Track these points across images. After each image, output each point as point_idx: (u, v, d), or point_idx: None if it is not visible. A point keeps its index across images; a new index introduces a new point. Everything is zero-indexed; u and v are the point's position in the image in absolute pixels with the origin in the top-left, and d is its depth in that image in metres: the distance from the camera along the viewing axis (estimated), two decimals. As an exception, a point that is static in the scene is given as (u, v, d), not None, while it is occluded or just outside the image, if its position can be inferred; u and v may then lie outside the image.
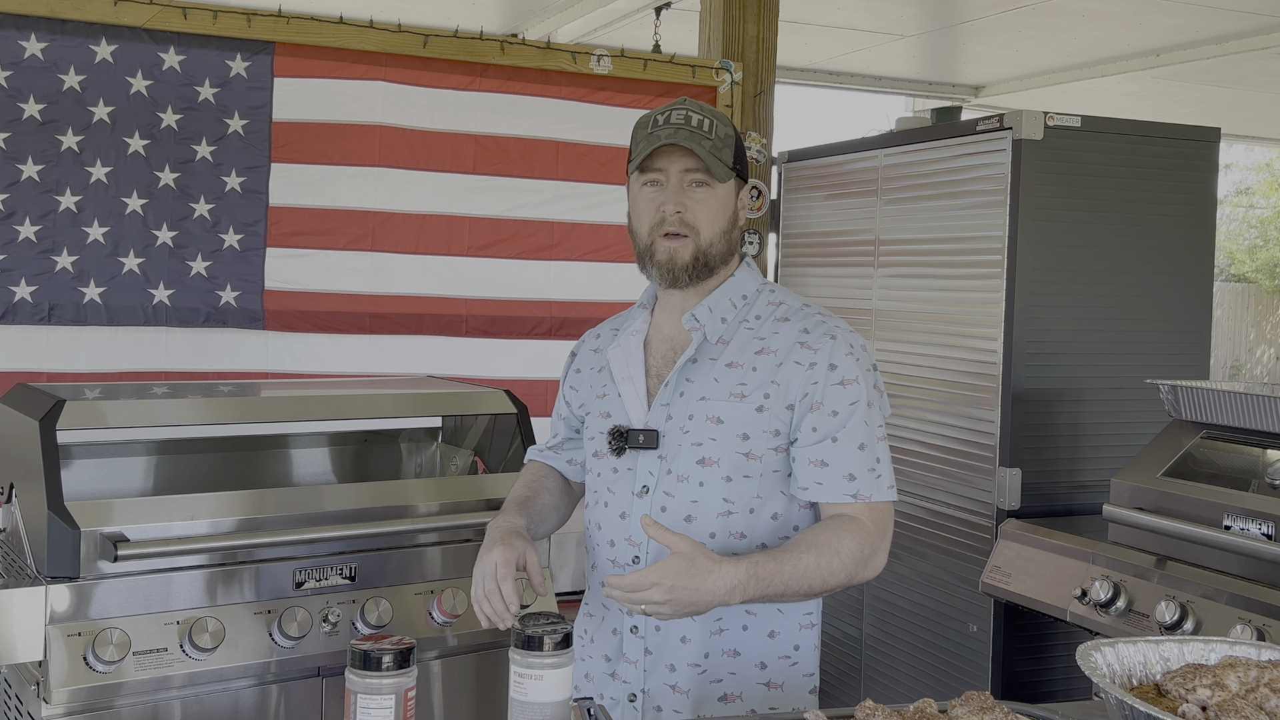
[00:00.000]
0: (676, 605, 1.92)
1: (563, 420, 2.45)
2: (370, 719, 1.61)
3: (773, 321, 2.20)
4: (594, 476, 2.29)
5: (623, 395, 2.23)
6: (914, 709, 1.63)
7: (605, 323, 2.46)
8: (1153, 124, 3.81)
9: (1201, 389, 3.15)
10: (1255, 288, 18.48)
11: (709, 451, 2.13)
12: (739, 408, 2.12)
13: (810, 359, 2.12)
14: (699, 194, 2.15)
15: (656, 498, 2.15)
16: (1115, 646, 1.77)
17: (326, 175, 4.10)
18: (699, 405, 2.14)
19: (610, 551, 2.22)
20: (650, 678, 2.18)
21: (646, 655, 2.18)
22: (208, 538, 2.60)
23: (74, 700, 2.44)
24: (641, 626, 2.17)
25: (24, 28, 3.70)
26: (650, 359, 2.25)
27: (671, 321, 2.25)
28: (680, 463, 2.14)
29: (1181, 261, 3.83)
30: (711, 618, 2.14)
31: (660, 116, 2.17)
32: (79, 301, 3.79)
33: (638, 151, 2.16)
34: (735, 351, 2.17)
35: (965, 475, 3.81)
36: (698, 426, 2.13)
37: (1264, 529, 2.77)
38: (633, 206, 2.23)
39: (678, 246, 2.15)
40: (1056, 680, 3.71)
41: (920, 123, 4.41)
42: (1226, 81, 8.19)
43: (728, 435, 2.12)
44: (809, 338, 2.15)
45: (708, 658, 2.15)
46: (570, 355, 2.48)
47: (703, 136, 2.13)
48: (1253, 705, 1.58)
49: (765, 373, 2.13)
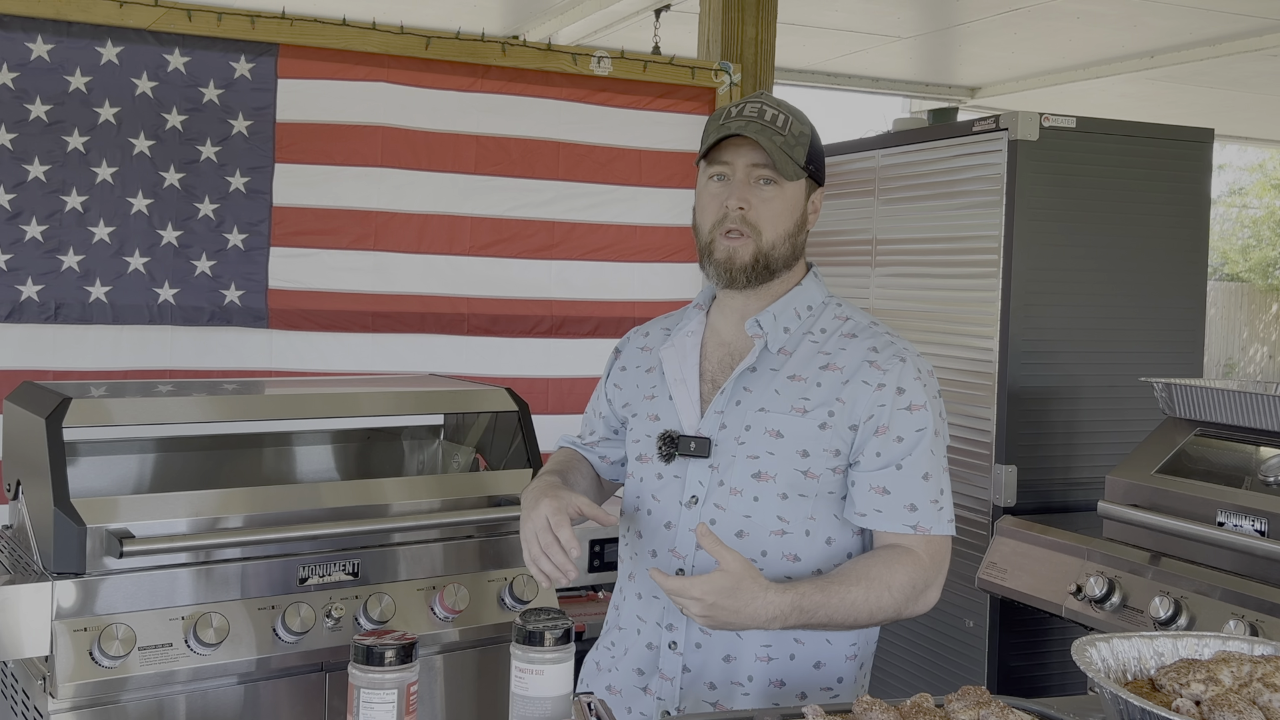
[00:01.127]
0: (713, 622, 1.84)
1: (600, 418, 2.33)
2: (373, 713, 1.61)
3: (839, 337, 2.09)
4: (635, 481, 2.17)
5: (674, 398, 2.12)
6: (911, 704, 1.63)
7: (655, 320, 2.34)
8: (1147, 125, 3.81)
9: (1195, 387, 3.14)
10: (1248, 287, 18.49)
11: (765, 465, 2.02)
12: (800, 423, 2.01)
13: (879, 379, 2.02)
14: (766, 192, 2.05)
15: (707, 509, 2.05)
16: (1110, 642, 1.77)
17: (330, 175, 4.09)
18: (757, 416, 2.03)
19: (651, 562, 2.11)
20: (687, 696, 2.08)
21: (684, 673, 2.08)
22: (212, 534, 2.60)
23: (80, 695, 2.44)
24: (680, 643, 2.08)
25: (30, 29, 3.69)
26: (705, 363, 2.14)
27: (730, 325, 2.15)
28: (734, 475, 2.04)
29: (1175, 261, 3.83)
30: (759, 643, 2.05)
31: (734, 108, 2.06)
32: (85, 300, 3.79)
33: (705, 140, 2.05)
34: (799, 364, 2.06)
35: (962, 472, 3.81)
36: (755, 438, 2.03)
37: (1257, 525, 2.77)
38: (697, 200, 2.13)
39: (738, 246, 2.04)
40: (1052, 675, 3.71)
41: (917, 124, 4.41)
42: (1220, 83, 8.19)
43: (786, 450, 2.02)
44: (878, 357, 2.05)
45: (752, 680, 2.06)
46: (614, 351, 2.35)
47: (775, 131, 2.02)
48: (1246, 700, 1.58)
49: (830, 389, 2.02)
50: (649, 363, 2.23)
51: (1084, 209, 3.68)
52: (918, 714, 1.59)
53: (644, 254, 4.53)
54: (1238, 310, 17.79)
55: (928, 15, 6.75)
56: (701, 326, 2.18)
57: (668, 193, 4.53)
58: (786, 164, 2.03)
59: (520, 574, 2.93)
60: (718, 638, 2.06)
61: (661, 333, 2.26)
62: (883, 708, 1.60)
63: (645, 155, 4.52)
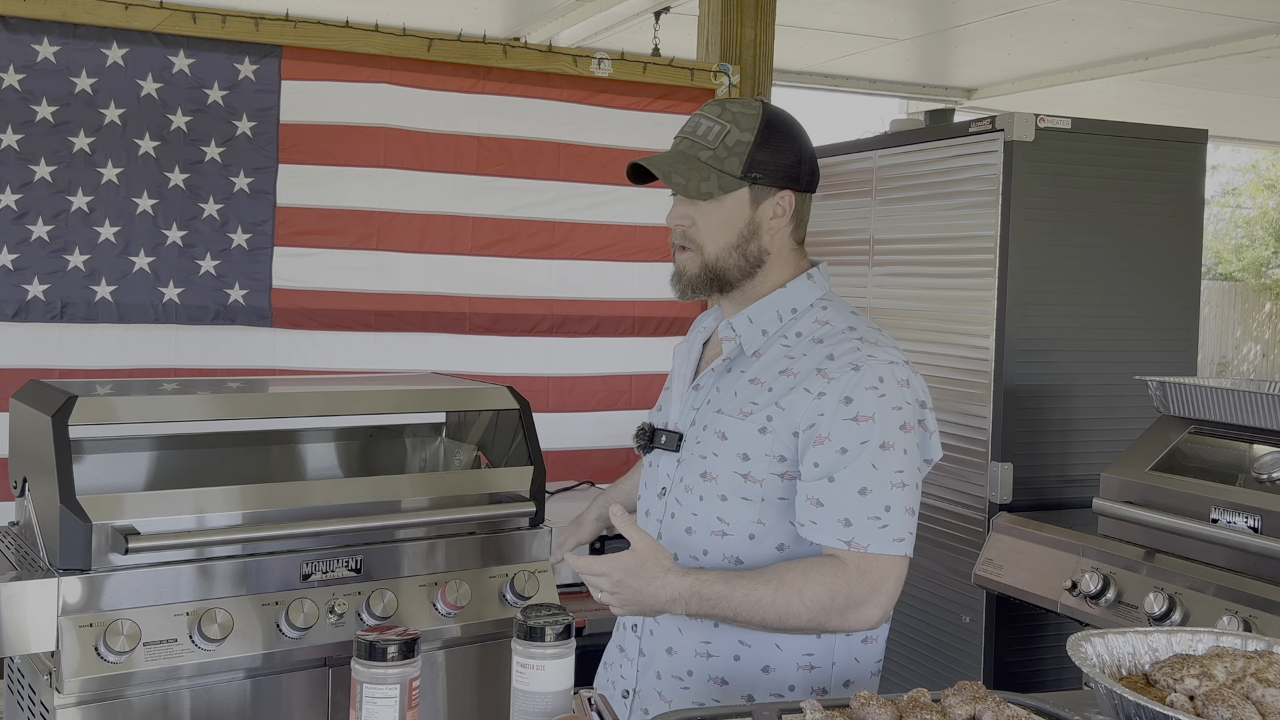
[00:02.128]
0: (622, 601, 1.90)
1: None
2: (376, 708, 1.61)
3: (808, 341, 2.04)
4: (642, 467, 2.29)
5: (673, 392, 2.19)
6: (908, 698, 1.62)
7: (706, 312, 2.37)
8: (1141, 126, 3.80)
9: (1189, 385, 3.14)
10: (1242, 286, 18.49)
11: (710, 466, 2.03)
12: (742, 426, 2.00)
13: (821, 388, 1.95)
14: (705, 207, 2.05)
15: (669, 503, 2.09)
16: (1105, 637, 1.77)
17: (333, 176, 4.09)
18: (714, 417, 2.04)
19: None
20: (642, 679, 2.13)
21: (640, 656, 2.13)
22: (216, 531, 2.60)
23: (85, 690, 2.44)
24: (640, 626, 2.13)
25: (37, 32, 3.69)
26: (705, 361, 2.19)
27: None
28: (689, 472, 2.07)
29: (1170, 260, 3.82)
30: (699, 639, 2.04)
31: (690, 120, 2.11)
32: (90, 299, 3.79)
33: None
34: (762, 367, 2.04)
35: (958, 470, 3.81)
36: (707, 438, 2.05)
37: (1250, 522, 2.77)
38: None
39: (685, 260, 2.08)
40: (1047, 670, 3.71)
41: (914, 124, 4.41)
42: (1213, 84, 8.19)
43: (729, 452, 2.01)
44: (830, 365, 1.97)
45: (691, 675, 2.06)
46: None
47: (702, 146, 2.03)
48: (1239, 695, 1.58)
49: (777, 394, 1.98)
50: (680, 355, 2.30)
51: (1079, 209, 3.68)
52: (915, 709, 1.58)
53: (644, 254, 4.53)
54: (1231, 309, 17.79)
55: (925, 17, 6.75)
56: (714, 325, 2.23)
57: (667, 193, 4.52)
58: (696, 185, 2.02)
59: (521, 570, 2.93)
60: (664, 628, 2.09)
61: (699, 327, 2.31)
62: (880, 703, 1.60)
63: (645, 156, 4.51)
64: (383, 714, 1.61)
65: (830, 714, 1.58)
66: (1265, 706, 1.57)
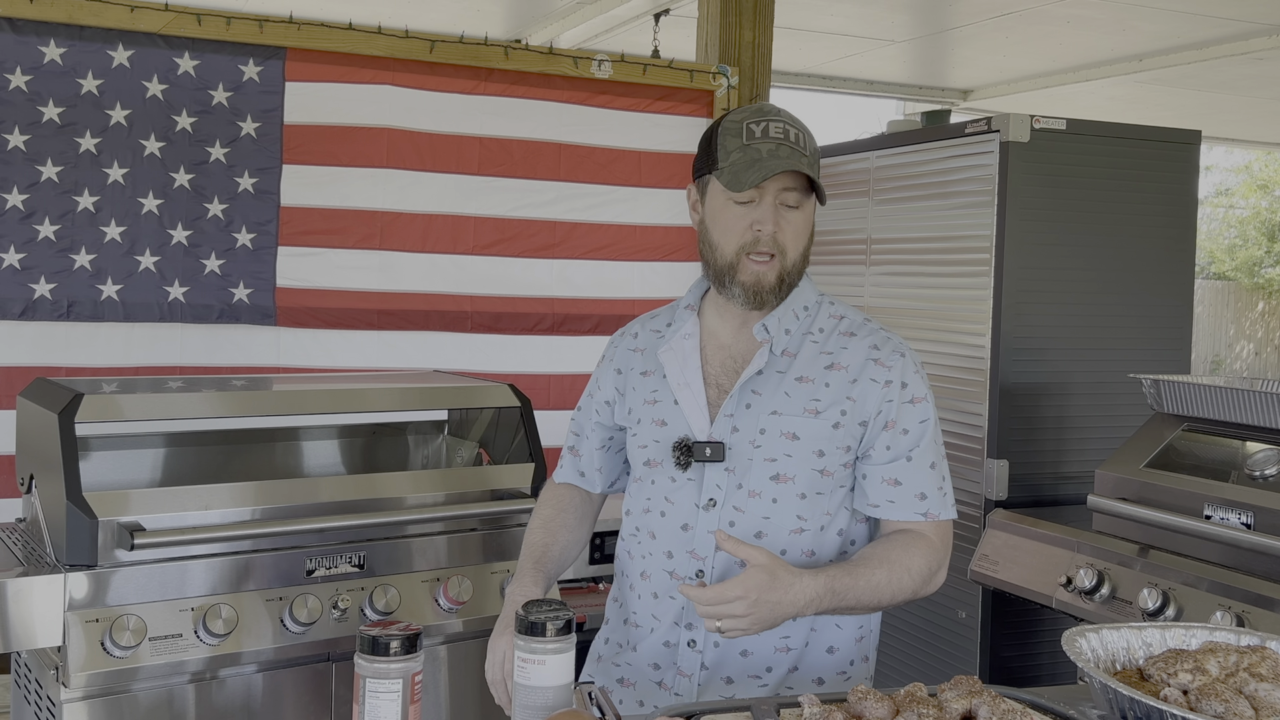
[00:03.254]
0: (757, 619, 1.83)
1: (597, 427, 2.27)
2: (378, 702, 1.61)
3: (838, 336, 2.09)
4: (646, 485, 2.13)
5: (680, 403, 2.08)
6: (904, 693, 1.62)
7: (638, 322, 2.28)
8: (1135, 127, 3.80)
9: (1183, 383, 3.14)
10: (1235, 285, 18.49)
11: (784, 468, 2.02)
12: (814, 424, 2.02)
13: (885, 377, 2.04)
14: (791, 215, 2.02)
15: (725, 512, 2.04)
16: (1099, 632, 1.77)
17: (336, 176, 4.09)
18: (771, 420, 2.02)
19: (668, 563, 2.09)
20: (705, 691, 2.06)
21: (702, 670, 2.07)
22: (221, 527, 2.60)
23: (92, 684, 2.44)
24: (700, 641, 2.06)
25: (44, 34, 3.69)
26: (707, 366, 2.11)
27: (729, 329, 2.12)
28: (753, 478, 2.03)
29: (1163, 260, 3.82)
30: (779, 634, 2.05)
31: (755, 128, 2.00)
32: (97, 298, 3.79)
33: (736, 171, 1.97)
34: (804, 365, 2.05)
35: (954, 466, 3.80)
36: (771, 442, 2.02)
37: (1243, 518, 2.77)
38: (714, 218, 2.05)
39: (764, 269, 2.01)
40: (1043, 665, 3.71)
41: (911, 125, 4.40)
42: (1207, 86, 8.19)
43: (804, 452, 2.02)
44: (881, 354, 2.06)
45: (770, 671, 2.07)
46: (603, 358, 2.29)
47: (802, 154, 1.99)
48: (1232, 689, 1.58)
49: (839, 389, 2.03)
50: (644, 365, 2.18)
51: (1074, 209, 3.68)
52: (911, 703, 1.58)
53: (643, 253, 4.53)
54: (1224, 308, 17.79)
55: (921, 19, 6.75)
56: (697, 329, 2.15)
57: (667, 193, 4.53)
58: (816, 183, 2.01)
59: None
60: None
61: (651, 334, 2.22)
62: (877, 697, 1.60)
63: (645, 156, 4.51)
64: (385, 708, 1.61)
65: (828, 708, 1.58)
66: (1258, 701, 1.57)
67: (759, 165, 1.96)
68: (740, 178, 1.97)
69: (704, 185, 2.09)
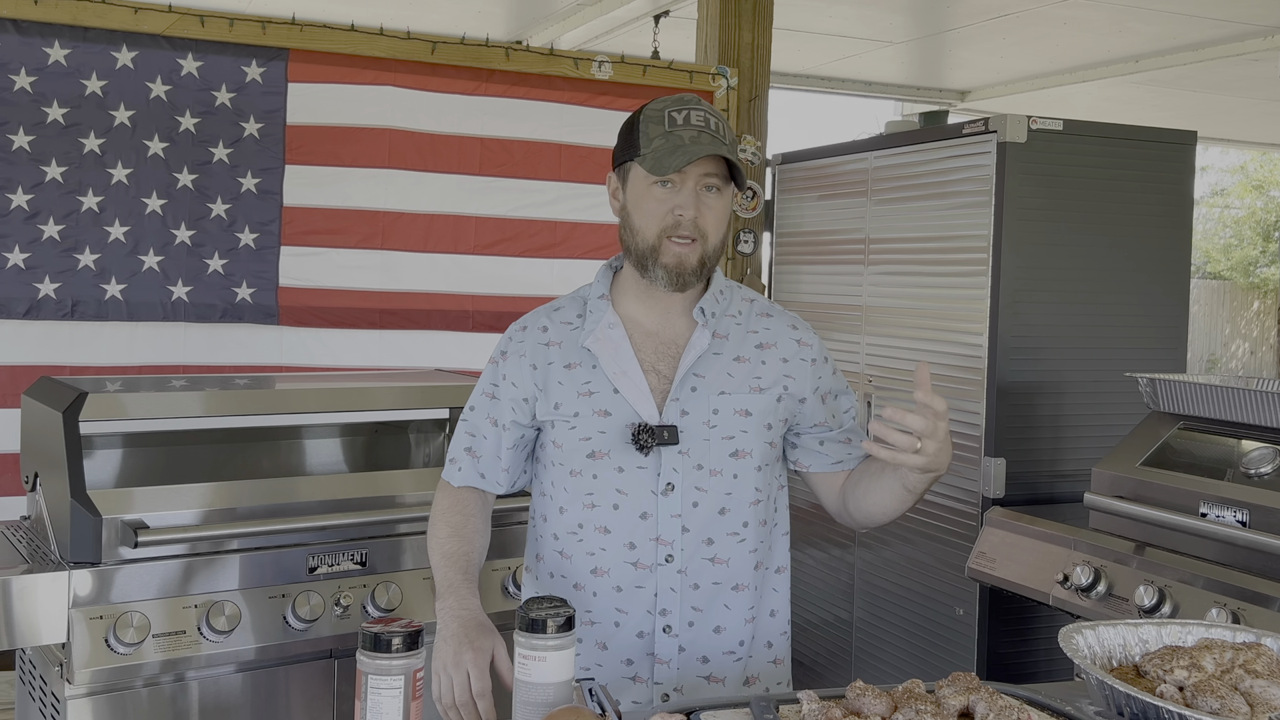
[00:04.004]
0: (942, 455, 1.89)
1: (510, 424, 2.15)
2: (380, 699, 1.61)
3: (756, 316, 2.17)
4: (586, 479, 2.07)
5: (622, 391, 2.05)
6: (902, 689, 1.62)
7: (540, 315, 2.18)
8: (1132, 127, 3.80)
9: (1179, 382, 3.14)
10: (1230, 285, 18.49)
11: (742, 444, 2.07)
12: (761, 400, 2.09)
13: (811, 355, 2.17)
14: (710, 199, 2.04)
15: (686, 493, 2.05)
16: (1096, 629, 1.77)
17: (338, 177, 4.09)
18: (721, 399, 2.06)
19: (630, 554, 2.05)
20: (684, 675, 2.07)
21: (680, 653, 2.07)
22: (224, 525, 2.60)
23: (96, 681, 2.44)
24: (675, 625, 2.06)
25: (48, 35, 3.69)
26: (640, 353, 2.09)
27: (654, 316, 2.11)
28: (711, 457, 2.05)
29: (1159, 259, 3.82)
30: (746, 605, 2.10)
31: (676, 114, 2.03)
32: (101, 298, 3.79)
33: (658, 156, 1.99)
34: (736, 346, 2.12)
35: (952, 464, 3.80)
36: (726, 420, 2.06)
37: (1238, 516, 2.77)
38: (635, 203, 2.06)
39: (686, 251, 2.03)
40: (1039, 661, 3.71)
41: (908, 126, 4.40)
42: (1203, 86, 8.18)
43: (757, 426, 2.08)
44: (800, 334, 2.18)
45: (742, 645, 2.11)
46: (504, 354, 2.17)
47: (722, 141, 2.02)
48: (1228, 686, 1.58)
49: (775, 367, 2.13)
50: (567, 358, 2.11)
51: (1071, 209, 3.68)
52: (910, 699, 1.58)
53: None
54: (1220, 307, 17.79)
55: (919, 21, 6.74)
56: (618, 319, 2.12)
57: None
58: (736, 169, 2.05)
59: (523, 564, 2.92)
60: (708, 612, 2.08)
61: (563, 327, 2.15)
62: (875, 693, 1.60)
63: (645, 157, 4.51)
64: (387, 705, 1.61)
65: (826, 704, 1.58)
66: (1253, 697, 1.57)
67: (682, 150, 1.99)
68: (664, 162, 1.99)
69: (625, 172, 2.10)
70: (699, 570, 2.06)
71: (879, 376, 4.14)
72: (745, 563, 2.10)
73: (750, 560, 2.10)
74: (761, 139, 4.86)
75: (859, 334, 4.24)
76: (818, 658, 4.50)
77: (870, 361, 4.19)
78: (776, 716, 1.59)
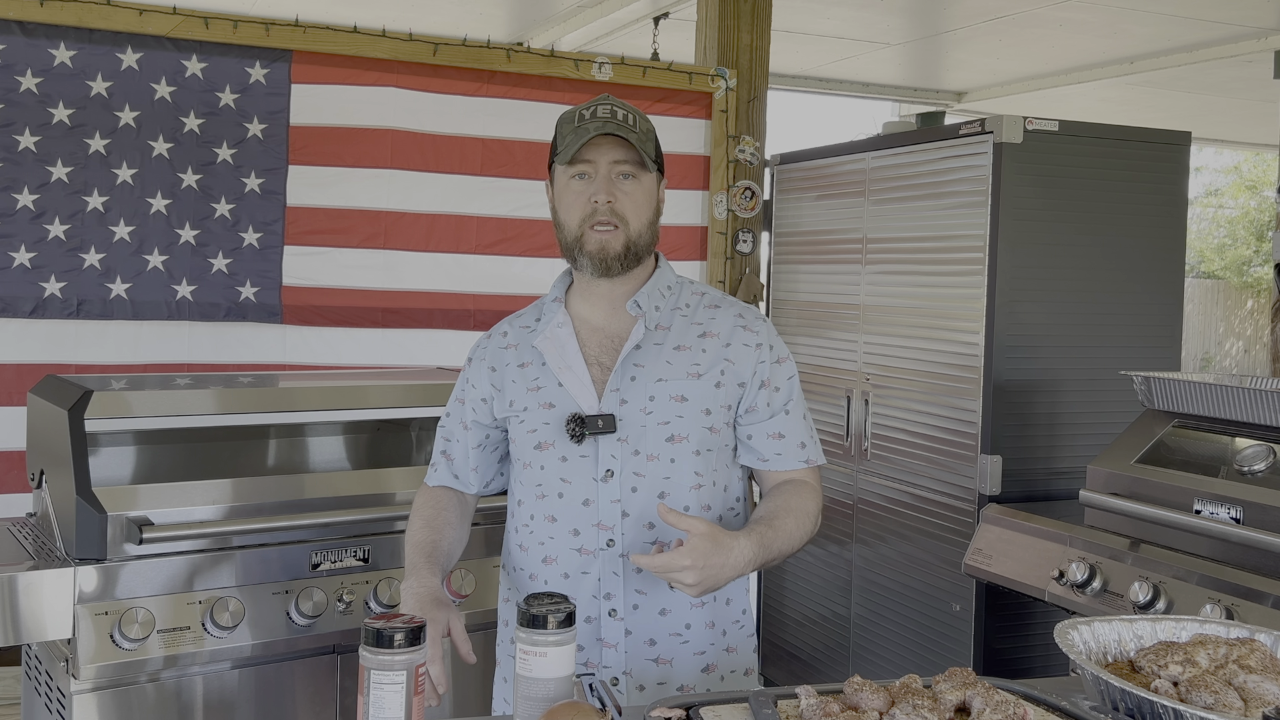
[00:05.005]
0: (705, 585, 1.90)
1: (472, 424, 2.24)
2: (383, 694, 1.61)
3: (704, 309, 2.19)
4: (535, 470, 2.14)
5: (565, 384, 2.12)
6: (900, 684, 1.62)
7: (505, 323, 2.29)
8: (1126, 128, 3.80)
9: (1173, 380, 3.14)
10: (1224, 284, 18.48)
11: (677, 429, 2.09)
12: (698, 385, 2.10)
13: (755, 340, 2.16)
14: (627, 185, 2.10)
15: (625, 479, 2.08)
16: (1091, 625, 1.77)
17: (341, 177, 4.09)
18: (658, 386, 2.10)
19: (574, 540, 2.10)
20: (632, 659, 2.10)
21: (627, 635, 2.10)
22: (228, 521, 2.60)
23: (101, 676, 2.44)
24: (620, 609, 2.10)
25: (54, 37, 3.69)
26: (586, 349, 2.15)
27: (599, 312, 2.17)
28: (648, 443, 2.09)
29: (1154, 259, 3.82)
30: None
31: (585, 111, 2.11)
32: (106, 297, 3.79)
33: (566, 145, 2.08)
34: (678, 336, 2.15)
35: (948, 462, 3.81)
36: (662, 406, 2.09)
37: (1232, 513, 2.77)
38: (559, 199, 2.14)
39: (608, 237, 2.08)
40: (1035, 657, 3.71)
41: (905, 127, 4.40)
42: (1197, 88, 8.18)
43: (693, 411, 2.10)
44: (746, 321, 2.18)
45: (689, 629, 2.12)
46: (470, 361, 2.28)
47: (629, 129, 2.08)
48: (1222, 681, 1.58)
49: (715, 353, 2.13)
50: (521, 359, 2.20)
51: (1066, 209, 3.68)
52: (906, 694, 1.58)
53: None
54: (1214, 306, 17.79)
55: (916, 23, 6.74)
56: (569, 318, 2.19)
57: (666, 193, 4.53)
58: (647, 158, 2.10)
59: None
60: (652, 595, 2.10)
61: (521, 330, 2.25)
62: (873, 688, 1.60)
63: (645, 157, 4.51)
64: (390, 699, 1.61)
65: (824, 699, 1.58)
66: (1247, 692, 1.57)
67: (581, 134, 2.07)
68: (568, 151, 2.07)
69: (552, 175, 2.18)
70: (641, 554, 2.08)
71: (876, 375, 4.14)
72: None
73: None
74: (760, 139, 4.85)
75: (856, 333, 4.24)
76: (816, 653, 4.50)
77: (867, 360, 4.19)
78: (775, 711, 1.59)
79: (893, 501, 4.06)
